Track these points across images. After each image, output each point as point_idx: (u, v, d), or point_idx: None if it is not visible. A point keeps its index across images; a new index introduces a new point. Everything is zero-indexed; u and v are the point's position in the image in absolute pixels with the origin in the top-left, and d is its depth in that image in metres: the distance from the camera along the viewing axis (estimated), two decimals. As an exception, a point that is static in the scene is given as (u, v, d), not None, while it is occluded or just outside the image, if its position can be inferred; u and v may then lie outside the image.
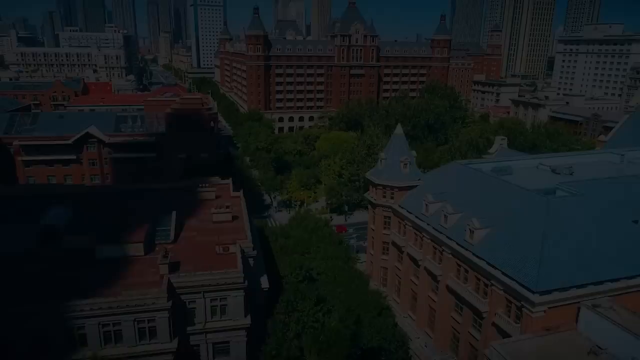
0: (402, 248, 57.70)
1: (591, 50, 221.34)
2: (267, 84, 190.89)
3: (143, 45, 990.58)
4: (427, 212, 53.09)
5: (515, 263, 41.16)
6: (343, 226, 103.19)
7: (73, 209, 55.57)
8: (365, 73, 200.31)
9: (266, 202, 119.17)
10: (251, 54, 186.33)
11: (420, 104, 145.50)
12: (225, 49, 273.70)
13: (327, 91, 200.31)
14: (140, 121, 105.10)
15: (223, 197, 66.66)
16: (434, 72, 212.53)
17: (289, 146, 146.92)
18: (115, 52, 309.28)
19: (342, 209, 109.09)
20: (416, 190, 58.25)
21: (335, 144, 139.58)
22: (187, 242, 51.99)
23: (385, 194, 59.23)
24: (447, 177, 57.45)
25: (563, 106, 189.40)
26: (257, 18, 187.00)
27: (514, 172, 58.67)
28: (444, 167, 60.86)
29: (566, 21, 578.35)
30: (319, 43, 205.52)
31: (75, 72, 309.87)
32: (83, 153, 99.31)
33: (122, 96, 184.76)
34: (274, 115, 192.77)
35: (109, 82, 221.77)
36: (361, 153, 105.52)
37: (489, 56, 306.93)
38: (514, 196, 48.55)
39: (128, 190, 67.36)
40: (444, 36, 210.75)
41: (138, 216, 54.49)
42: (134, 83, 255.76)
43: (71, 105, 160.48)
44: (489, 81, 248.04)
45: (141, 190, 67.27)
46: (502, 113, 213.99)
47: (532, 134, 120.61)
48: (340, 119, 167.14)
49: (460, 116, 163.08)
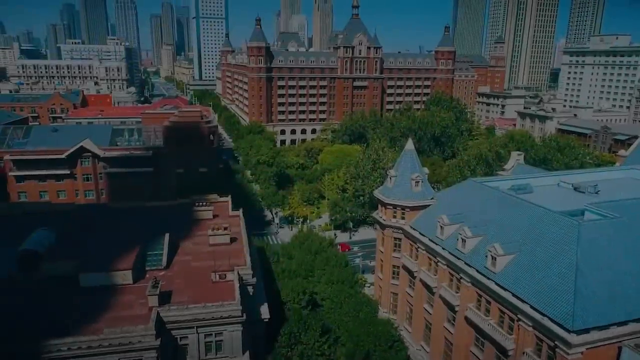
0: (414, 273, 53.24)
1: (598, 62, 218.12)
2: (268, 96, 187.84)
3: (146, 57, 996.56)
4: (442, 234, 48.75)
5: (546, 296, 36.71)
6: (347, 244, 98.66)
7: (58, 231, 51.46)
8: (368, 85, 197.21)
9: (267, 218, 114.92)
10: (253, 65, 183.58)
11: (426, 117, 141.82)
12: (226, 60, 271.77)
13: (330, 103, 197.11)
14: (137, 134, 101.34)
15: (221, 217, 62.57)
16: (438, 84, 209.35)
17: (291, 159, 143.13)
18: (116, 65, 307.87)
19: (347, 225, 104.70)
20: (429, 210, 53.98)
21: (338, 157, 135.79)
22: (180, 268, 47.71)
23: (395, 213, 54.97)
24: (462, 196, 53.20)
25: (571, 118, 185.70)
26: (258, 29, 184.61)
27: (534, 190, 54.46)
28: (459, 185, 56.67)
29: (568, 33, 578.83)
30: (321, 54, 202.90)
31: (77, 84, 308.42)
32: (77, 168, 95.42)
33: (121, 109, 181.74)
34: (275, 128, 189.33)
35: (109, 95, 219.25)
36: (366, 168, 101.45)
37: (493, 68, 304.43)
38: (539, 218, 44.21)
39: (119, 209, 63.21)
40: (449, 48, 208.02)
41: (128, 239, 50.34)
42: (134, 95, 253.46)
43: (69, 117, 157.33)
44: (493, 93, 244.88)
45: (133, 209, 63.17)
46: (507, 125, 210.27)
47: (542, 148, 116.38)
48: (343, 131, 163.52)
49: (466, 128, 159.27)
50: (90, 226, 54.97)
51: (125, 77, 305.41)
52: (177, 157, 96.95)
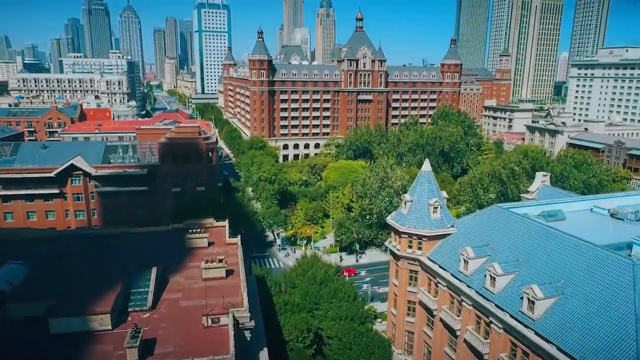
0: (433, 311, 47.17)
1: (607, 75, 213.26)
2: (271, 110, 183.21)
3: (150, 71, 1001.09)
4: (467, 269, 42.79)
5: (599, 352, 30.58)
6: (353, 269, 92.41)
7: (31, 264, 45.74)
8: (373, 98, 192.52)
9: (269, 238, 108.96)
10: (255, 79, 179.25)
11: (434, 131, 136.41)
12: (229, 74, 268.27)
13: (334, 117, 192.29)
14: (132, 151, 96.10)
15: (217, 244, 56.75)
16: (445, 98, 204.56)
17: (293, 176, 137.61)
18: (117, 78, 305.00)
19: (353, 247, 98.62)
20: (449, 240, 48.11)
21: (343, 174, 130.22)
22: (168, 309, 41.75)
23: (411, 243, 49.10)
24: (486, 225, 47.34)
25: (582, 133, 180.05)
26: (261, 42, 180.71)
27: (566, 217, 48.62)
28: (482, 212, 50.88)
29: (571, 47, 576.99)
30: (325, 68, 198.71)
31: (77, 98, 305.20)
32: (67, 187, 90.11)
33: (120, 123, 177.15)
34: (278, 143, 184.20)
35: (108, 109, 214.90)
36: (374, 186, 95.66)
37: (498, 81, 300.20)
38: (580, 253, 38.29)
39: (105, 234, 57.64)
40: (455, 60, 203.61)
41: (110, 273, 44.62)
42: (135, 109, 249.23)
43: (65, 132, 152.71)
44: (500, 107, 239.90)
45: (120, 236, 57.53)
46: (516, 140, 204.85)
47: (558, 164, 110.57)
48: (348, 146, 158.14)
49: (475, 143, 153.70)
50: (70, 256, 49.31)
51: (126, 90, 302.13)
52: (173, 175, 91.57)
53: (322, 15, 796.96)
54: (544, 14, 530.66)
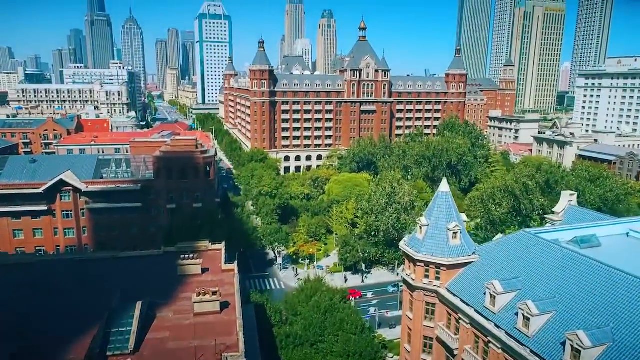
0: (454, 351, 41.77)
1: (616, 85, 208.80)
2: (272, 121, 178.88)
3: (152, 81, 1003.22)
4: (494, 306, 37.52)
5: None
6: (358, 291, 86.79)
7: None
8: (376, 109, 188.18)
9: (269, 256, 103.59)
10: (255, 89, 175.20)
11: (441, 143, 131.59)
12: (229, 84, 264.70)
13: (336, 128, 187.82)
14: (126, 165, 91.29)
15: (212, 271, 51.62)
16: (450, 108, 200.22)
17: (295, 189, 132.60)
18: (117, 89, 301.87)
19: (359, 267, 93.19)
20: (472, 269, 42.90)
21: (347, 188, 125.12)
22: (153, 353, 36.47)
23: (427, 272, 43.87)
24: (513, 253, 42.12)
25: (592, 144, 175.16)
26: (262, 52, 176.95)
27: (601, 243, 43.40)
28: (507, 238, 45.67)
29: (573, 57, 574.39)
30: (327, 78, 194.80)
31: (77, 108, 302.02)
32: (56, 203, 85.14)
33: (117, 135, 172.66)
34: (279, 155, 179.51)
35: (107, 120, 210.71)
36: (380, 202, 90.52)
37: (502, 91, 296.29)
38: (628, 290, 33.03)
39: (88, 260, 52.61)
40: (460, 71, 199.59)
41: (89, 308, 39.60)
42: (134, 120, 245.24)
43: (60, 144, 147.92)
44: (506, 117, 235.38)
45: (105, 261, 52.49)
46: (523, 151, 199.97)
47: (573, 178, 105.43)
48: (351, 158, 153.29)
49: (483, 155, 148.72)
50: (46, 287, 44.25)
51: (126, 101, 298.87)
52: (168, 191, 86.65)
53: (323, 26, 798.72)
54: (546, 24, 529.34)
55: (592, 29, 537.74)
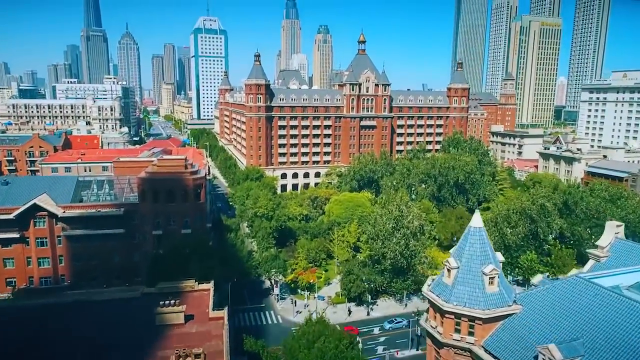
0: None
1: (622, 99, 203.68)
2: (268, 136, 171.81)
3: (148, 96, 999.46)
4: (549, 376, 29.64)
5: None
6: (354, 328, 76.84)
7: None
8: (377, 124, 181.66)
9: (265, 285, 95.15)
10: (251, 104, 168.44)
11: (447, 161, 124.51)
12: (224, 99, 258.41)
13: (335, 144, 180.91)
14: (108, 187, 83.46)
15: (197, 319, 43.65)
16: (452, 123, 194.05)
17: (293, 210, 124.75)
18: (109, 104, 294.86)
19: (364, 298, 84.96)
20: (513, 323, 35.15)
21: (348, 208, 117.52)
22: None
23: (458, 325, 36.10)
24: (565, 304, 34.46)
25: (601, 160, 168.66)
26: (257, 65, 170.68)
27: (668, 289, 35.67)
28: (556, 285, 38.01)
29: (570, 71, 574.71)
30: (326, 92, 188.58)
31: (69, 124, 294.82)
32: (29, 230, 76.96)
33: (106, 152, 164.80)
34: (276, 172, 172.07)
35: (97, 136, 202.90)
36: (387, 227, 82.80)
37: (503, 105, 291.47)
38: None
39: (51, 305, 44.53)
40: (462, 84, 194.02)
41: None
42: (126, 136, 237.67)
43: (45, 162, 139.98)
44: (509, 132, 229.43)
45: (71, 307, 44.42)
46: (528, 167, 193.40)
47: (592, 199, 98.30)
48: (351, 176, 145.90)
49: (490, 173, 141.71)
50: None
51: (118, 116, 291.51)
52: (154, 216, 78.68)
53: (319, 42, 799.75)
54: (542, 38, 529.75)
55: (587, 44, 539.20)
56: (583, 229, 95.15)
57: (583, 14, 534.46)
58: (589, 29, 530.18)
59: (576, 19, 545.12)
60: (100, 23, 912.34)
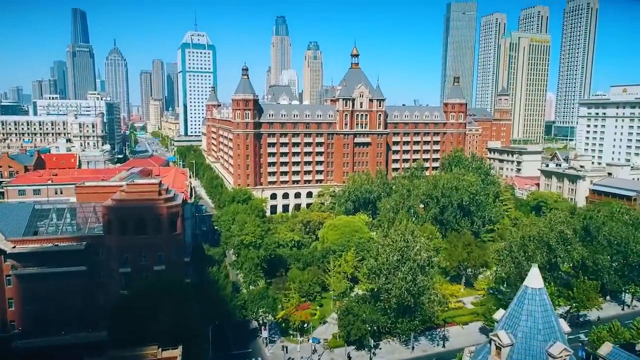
0: None
1: (622, 114, 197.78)
2: (257, 155, 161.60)
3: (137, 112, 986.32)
4: None
5: None
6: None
7: None
8: (371, 141, 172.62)
9: (252, 325, 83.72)
10: (239, 120, 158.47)
11: (450, 181, 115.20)
12: (212, 115, 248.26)
13: (328, 162, 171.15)
14: (70, 217, 72.36)
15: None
16: (449, 140, 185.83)
17: (283, 235, 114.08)
18: (91, 120, 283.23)
19: (365, 341, 74.06)
20: None
21: (344, 234, 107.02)
22: None
23: None
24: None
25: (606, 178, 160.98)
26: (245, 80, 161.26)
27: None
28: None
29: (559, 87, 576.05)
30: (317, 108, 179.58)
31: (48, 141, 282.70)
32: (-28, 269, 65.40)
33: (82, 172, 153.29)
34: (265, 192, 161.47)
35: (74, 154, 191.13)
36: (391, 259, 72.50)
37: (497, 121, 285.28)
38: None
39: None
40: (459, 99, 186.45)
41: None
42: (107, 154, 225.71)
43: (11, 185, 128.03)
44: (506, 149, 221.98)
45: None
46: (529, 185, 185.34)
47: (614, 224, 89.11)
48: (346, 197, 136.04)
49: (494, 193, 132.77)
50: None
51: (100, 133, 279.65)
52: (121, 250, 67.68)
53: (309, 58, 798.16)
54: (532, 54, 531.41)
55: (576, 60, 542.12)
56: (605, 257, 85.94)
57: (571, 30, 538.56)
58: (577, 45, 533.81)
59: (564, 35, 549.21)
60: (88, 39, 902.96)
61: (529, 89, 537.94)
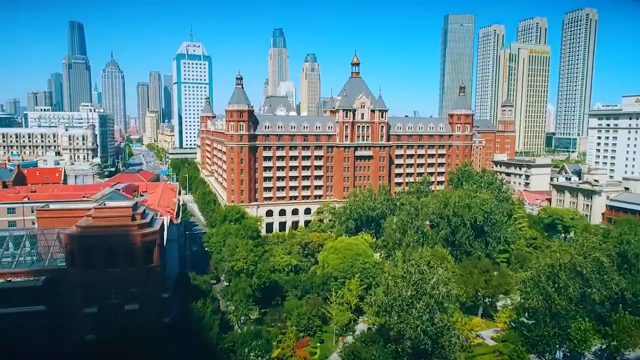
0: None
1: (635, 125, 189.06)
2: (252, 169, 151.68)
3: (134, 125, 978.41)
4: None
5: None
6: None
7: None
8: (373, 154, 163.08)
9: (244, 368, 72.83)
10: (232, 132, 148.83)
11: (462, 199, 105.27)
12: (206, 127, 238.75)
13: (327, 177, 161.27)
14: (29, 245, 61.94)
15: None
16: (455, 152, 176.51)
17: (279, 259, 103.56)
18: (81, 132, 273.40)
19: (374, 391, 63.31)
20: None
21: (346, 258, 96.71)
22: None
23: None
24: None
25: (625, 193, 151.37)
26: (240, 89, 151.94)
27: None
28: None
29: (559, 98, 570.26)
30: (316, 119, 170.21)
31: (37, 154, 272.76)
32: None
33: (64, 188, 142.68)
34: (260, 209, 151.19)
35: (59, 169, 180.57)
36: (405, 294, 62.10)
37: (502, 133, 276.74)
38: None
39: None
40: (465, 110, 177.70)
41: None
42: (96, 167, 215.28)
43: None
44: (515, 161, 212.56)
45: None
46: (540, 200, 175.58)
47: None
48: (347, 215, 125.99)
49: (507, 210, 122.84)
50: None
51: (91, 146, 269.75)
52: (87, 286, 57.14)
53: (307, 70, 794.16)
54: (532, 65, 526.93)
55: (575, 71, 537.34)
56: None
57: (570, 41, 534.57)
58: (576, 56, 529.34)
59: (563, 47, 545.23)
60: (85, 51, 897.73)
61: (529, 101, 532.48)
